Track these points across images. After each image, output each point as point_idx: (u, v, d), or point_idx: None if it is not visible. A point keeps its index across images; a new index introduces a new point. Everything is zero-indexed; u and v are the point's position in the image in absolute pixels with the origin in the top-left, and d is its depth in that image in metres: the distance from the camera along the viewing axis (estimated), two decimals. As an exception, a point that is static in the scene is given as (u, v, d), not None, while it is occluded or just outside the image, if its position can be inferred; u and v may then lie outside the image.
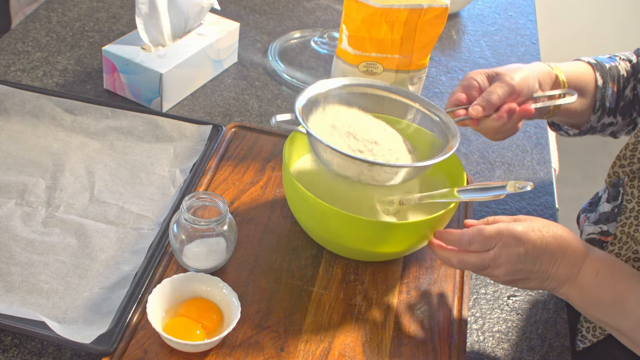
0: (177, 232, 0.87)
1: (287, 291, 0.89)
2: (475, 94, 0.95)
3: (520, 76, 0.94)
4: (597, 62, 1.03)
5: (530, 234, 0.79)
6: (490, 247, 0.81)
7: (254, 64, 1.33)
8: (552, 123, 1.12)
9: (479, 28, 1.57)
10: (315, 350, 0.83)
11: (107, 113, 1.11)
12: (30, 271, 0.87)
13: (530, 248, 0.79)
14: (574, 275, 0.80)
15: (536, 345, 0.90)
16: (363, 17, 1.06)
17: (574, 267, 0.80)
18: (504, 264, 0.80)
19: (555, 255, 0.80)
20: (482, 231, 0.81)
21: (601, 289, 0.79)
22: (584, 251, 0.80)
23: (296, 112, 0.88)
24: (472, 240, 0.82)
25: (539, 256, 0.79)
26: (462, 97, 0.95)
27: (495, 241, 0.80)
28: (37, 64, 1.23)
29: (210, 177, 1.03)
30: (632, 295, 0.77)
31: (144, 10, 1.14)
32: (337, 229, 0.88)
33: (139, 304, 0.84)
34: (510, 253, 0.79)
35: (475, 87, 0.95)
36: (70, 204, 0.97)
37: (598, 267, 0.79)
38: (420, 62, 1.12)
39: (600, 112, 1.02)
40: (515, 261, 0.80)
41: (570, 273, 0.80)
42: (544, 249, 0.79)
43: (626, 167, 0.92)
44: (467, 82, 0.96)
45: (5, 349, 0.80)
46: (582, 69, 1.02)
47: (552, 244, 0.79)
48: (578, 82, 1.00)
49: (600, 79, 1.01)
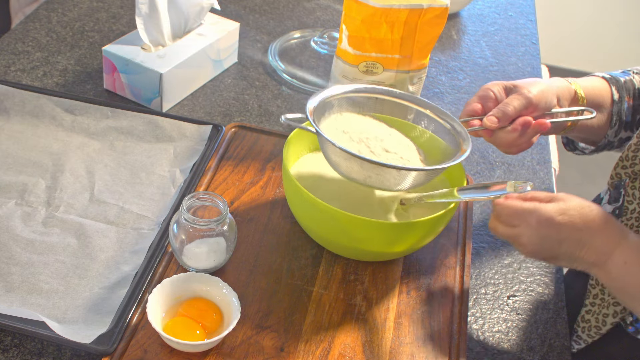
0: (177, 232, 0.87)
1: (287, 291, 0.89)
2: (491, 105, 0.95)
3: (538, 89, 0.93)
4: (612, 77, 1.02)
5: (558, 217, 0.79)
6: (515, 225, 0.81)
7: (254, 64, 1.33)
8: (567, 143, 1.11)
9: (479, 28, 1.57)
10: (315, 350, 0.83)
11: (107, 113, 1.11)
12: (30, 271, 0.87)
13: (554, 232, 0.79)
14: (602, 261, 0.79)
15: (536, 345, 0.90)
16: (363, 17, 1.06)
17: (603, 253, 0.79)
18: (526, 244, 0.80)
19: (582, 241, 0.79)
20: (510, 206, 0.81)
21: (629, 279, 0.78)
22: (616, 238, 0.79)
23: (307, 112, 0.88)
24: (501, 212, 0.82)
25: (564, 240, 0.79)
26: (477, 107, 0.95)
27: (520, 220, 0.80)
28: (37, 64, 1.23)
29: (210, 177, 1.03)
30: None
31: (144, 10, 1.14)
32: (337, 229, 0.88)
33: (139, 304, 0.84)
34: (532, 235, 0.79)
35: (491, 98, 0.95)
36: (70, 204, 0.97)
37: (627, 256, 0.78)
38: (420, 62, 1.12)
39: (617, 127, 1.01)
40: (539, 243, 0.80)
41: (598, 259, 0.79)
42: (569, 234, 0.79)
43: (628, 168, 0.92)
44: (484, 93, 0.96)
45: (5, 349, 0.80)
46: (598, 84, 1.01)
47: (581, 229, 0.79)
48: (595, 97, 1.00)
49: (616, 94, 1.01)
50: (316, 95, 0.92)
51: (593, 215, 0.80)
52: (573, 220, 0.79)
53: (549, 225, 0.79)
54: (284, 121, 0.88)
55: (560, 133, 1.03)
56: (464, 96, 1.33)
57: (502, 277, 0.98)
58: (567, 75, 1.05)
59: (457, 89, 1.35)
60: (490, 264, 1.00)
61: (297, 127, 0.93)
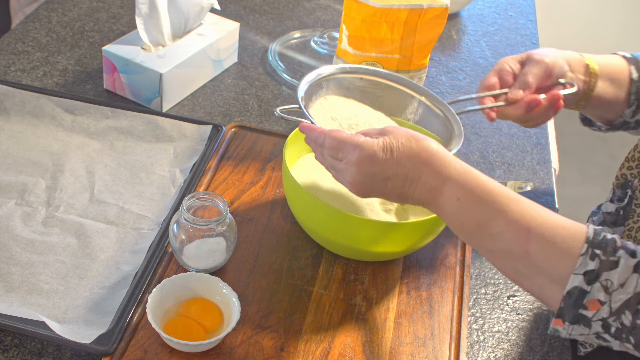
0: (177, 232, 0.87)
1: (287, 291, 0.89)
2: (509, 78, 0.95)
3: (550, 55, 0.93)
4: (632, 57, 1.01)
5: (380, 154, 0.75)
6: (339, 158, 0.78)
7: (254, 64, 1.33)
8: (584, 118, 1.10)
9: (479, 28, 1.57)
10: (315, 350, 0.83)
11: (107, 113, 1.11)
12: (30, 271, 0.87)
13: (378, 169, 0.76)
14: (433, 198, 0.76)
15: (536, 345, 0.90)
16: (363, 17, 1.06)
17: (431, 190, 0.76)
18: (351, 182, 0.78)
19: (408, 177, 0.76)
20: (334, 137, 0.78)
21: (463, 216, 0.75)
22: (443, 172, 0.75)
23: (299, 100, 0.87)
24: (324, 143, 0.79)
25: (389, 177, 0.76)
26: (494, 80, 0.95)
27: (343, 154, 0.77)
28: (37, 64, 1.23)
29: (210, 177, 1.03)
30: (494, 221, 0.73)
31: (144, 10, 1.14)
32: (337, 229, 0.88)
33: (139, 304, 0.84)
34: (355, 172, 0.77)
35: (507, 71, 0.95)
36: (70, 204, 0.97)
37: (459, 191, 0.74)
38: (420, 62, 1.12)
39: (635, 107, 1.00)
40: (362, 181, 0.77)
41: (428, 196, 0.76)
42: (395, 170, 0.76)
43: (634, 168, 0.92)
44: (499, 66, 0.96)
45: (5, 349, 0.80)
46: (615, 61, 1.00)
47: (405, 165, 0.75)
48: (611, 71, 0.99)
49: (635, 73, 0.99)
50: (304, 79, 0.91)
51: (418, 149, 0.76)
52: (397, 157, 0.75)
53: (372, 163, 0.75)
54: (277, 114, 0.88)
55: (576, 107, 1.01)
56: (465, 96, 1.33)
57: (502, 277, 0.98)
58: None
59: (457, 89, 1.35)
60: (490, 264, 1.00)
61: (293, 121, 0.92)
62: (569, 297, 0.69)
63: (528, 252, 0.70)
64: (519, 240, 0.71)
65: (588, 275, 0.68)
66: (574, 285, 0.68)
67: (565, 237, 0.70)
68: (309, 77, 0.92)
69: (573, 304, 0.69)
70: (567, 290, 0.69)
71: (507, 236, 0.72)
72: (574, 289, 0.68)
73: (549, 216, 0.72)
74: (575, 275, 0.68)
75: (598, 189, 2.59)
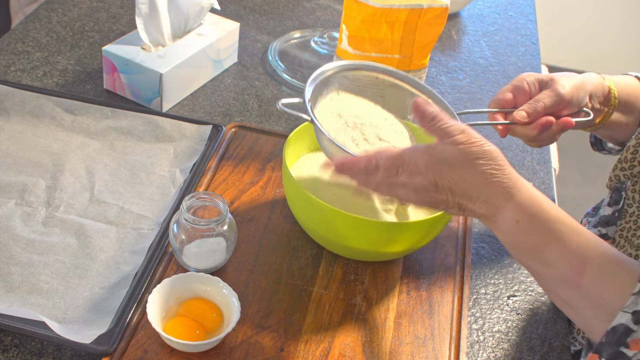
0: (177, 232, 0.87)
1: (287, 291, 0.89)
2: (523, 99, 0.94)
3: (572, 85, 0.93)
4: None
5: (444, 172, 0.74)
6: (397, 173, 0.75)
7: (254, 64, 1.33)
8: (595, 142, 1.11)
9: (479, 28, 1.57)
10: (315, 350, 0.83)
11: (107, 113, 1.11)
12: (30, 271, 0.87)
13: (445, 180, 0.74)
14: (492, 215, 0.74)
15: (536, 345, 0.90)
16: (363, 17, 1.06)
17: (492, 207, 0.74)
18: (413, 194, 0.75)
19: (468, 193, 0.74)
20: (384, 156, 0.75)
21: (519, 238, 0.74)
22: (506, 193, 0.73)
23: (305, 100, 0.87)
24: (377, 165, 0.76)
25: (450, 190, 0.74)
26: (509, 97, 0.95)
27: (403, 167, 0.75)
28: (37, 64, 1.23)
29: (210, 177, 1.03)
30: (550, 248, 0.72)
31: (144, 10, 1.14)
32: (337, 229, 0.88)
33: (139, 304, 0.84)
34: (417, 183, 0.74)
35: (525, 91, 0.94)
36: (70, 204, 0.97)
37: (519, 215, 0.73)
38: (420, 62, 1.12)
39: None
40: (423, 191, 0.75)
41: (488, 212, 0.74)
42: (455, 185, 0.74)
43: (627, 170, 0.92)
44: (518, 84, 0.95)
45: (5, 349, 0.80)
46: (632, 83, 1.00)
47: (467, 181, 0.73)
48: (628, 96, 0.99)
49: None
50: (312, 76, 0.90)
51: (481, 164, 0.74)
52: (461, 172, 0.73)
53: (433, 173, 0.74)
54: (279, 107, 0.87)
55: (587, 129, 1.01)
56: (464, 96, 1.33)
57: (502, 277, 0.98)
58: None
59: (457, 89, 1.35)
60: (490, 264, 1.00)
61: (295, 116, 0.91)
62: (613, 334, 0.68)
63: (580, 284, 0.70)
64: (572, 271, 0.70)
65: (637, 315, 0.67)
66: (621, 323, 0.67)
67: (619, 274, 0.69)
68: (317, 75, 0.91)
69: (616, 340, 0.68)
70: (613, 326, 0.68)
71: (561, 265, 0.71)
72: (619, 326, 0.67)
73: (605, 250, 0.71)
74: (623, 313, 0.67)
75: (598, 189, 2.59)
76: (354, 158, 0.79)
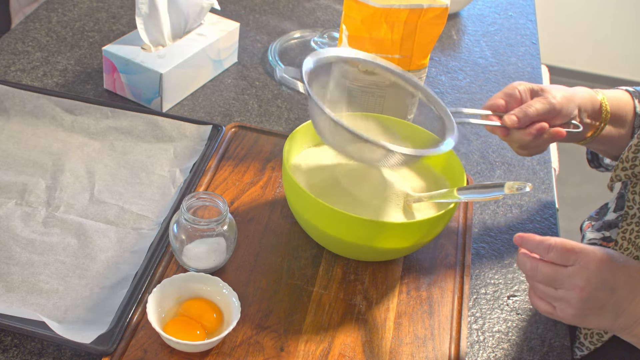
0: (177, 232, 0.87)
1: (287, 291, 0.89)
2: (514, 104, 0.95)
3: (562, 96, 0.93)
4: (635, 90, 1.02)
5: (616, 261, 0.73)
6: (569, 263, 0.74)
7: (254, 64, 1.33)
8: (592, 159, 1.11)
9: (479, 28, 1.57)
10: (315, 350, 0.83)
11: (107, 113, 1.11)
12: (30, 271, 0.87)
13: (612, 277, 0.73)
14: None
15: (536, 345, 0.90)
16: (363, 17, 1.06)
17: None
18: (579, 286, 0.73)
19: (635, 290, 0.73)
20: (564, 242, 0.74)
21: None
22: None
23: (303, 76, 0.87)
24: (552, 248, 0.74)
25: (618, 287, 0.73)
26: (501, 103, 0.96)
27: (576, 258, 0.73)
28: (37, 64, 1.23)
29: (210, 177, 1.03)
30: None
31: (144, 10, 1.14)
32: (336, 229, 0.88)
33: (139, 304, 0.84)
34: (590, 275, 0.72)
35: (516, 98, 0.95)
36: (70, 204, 0.97)
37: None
38: (420, 62, 1.12)
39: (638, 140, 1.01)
40: (594, 286, 0.72)
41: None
42: (626, 281, 0.73)
43: (628, 170, 0.92)
44: (510, 91, 0.96)
45: (5, 349, 0.80)
46: (622, 96, 1.01)
47: (636, 277, 0.73)
48: (619, 110, 0.99)
49: (639, 106, 1.00)
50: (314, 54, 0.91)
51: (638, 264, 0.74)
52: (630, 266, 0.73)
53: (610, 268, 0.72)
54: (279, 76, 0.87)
55: (580, 143, 1.02)
56: (464, 96, 1.33)
57: (502, 277, 0.98)
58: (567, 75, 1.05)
59: (457, 89, 1.35)
60: (490, 264, 1.00)
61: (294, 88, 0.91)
62: None
63: None
64: None
65: None
66: None
67: None
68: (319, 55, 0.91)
69: None
70: None
71: None
72: None
73: None
74: None
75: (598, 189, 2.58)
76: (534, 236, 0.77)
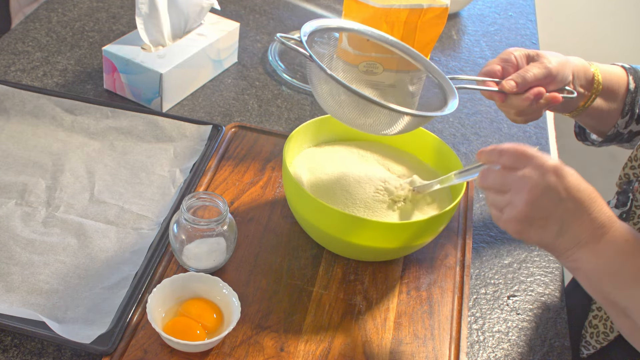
0: (177, 232, 0.87)
1: (287, 291, 0.89)
2: (511, 70, 0.94)
3: (557, 61, 0.93)
4: (631, 67, 1.01)
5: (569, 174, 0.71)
6: (521, 167, 0.72)
7: (254, 64, 1.33)
8: (579, 132, 1.10)
9: (479, 28, 1.57)
10: (315, 350, 0.83)
11: (107, 113, 1.11)
12: (30, 271, 0.87)
13: (561, 185, 0.70)
14: (597, 238, 0.71)
15: (536, 345, 0.90)
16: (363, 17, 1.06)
17: (599, 228, 0.71)
18: (528, 190, 0.70)
19: (581, 208, 0.71)
20: (517, 145, 0.72)
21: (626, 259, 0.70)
22: (612, 216, 0.72)
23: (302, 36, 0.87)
24: (504, 152, 0.73)
25: (567, 199, 0.70)
26: (497, 68, 0.95)
27: (528, 161, 0.71)
28: (37, 64, 1.23)
29: (210, 177, 1.03)
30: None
31: (144, 10, 1.14)
32: (336, 229, 0.88)
33: (139, 304, 0.84)
34: (539, 179, 0.70)
35: (512, 63, 0.94)
36: (70, 204, 0.97)
37: (628, 235, 0.70)
38: (420, 62, 1.12)
39: (628, 117, 0.99)
40: (542, 191, 0.70)
41: (594, 234, 0.71)
42: (574, 195, 0.70)
43: (637, 168, 0.92)
44: (506, 56, 0.95)
45: (5, 349, 0.80)
46: (616, 71, 1.00)
47: (584, 195, 0.71)
48: (612, 83, 0.98)
49: (632, 83, 0.99)
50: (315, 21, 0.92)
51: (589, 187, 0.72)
52: (581, 184, 0.71)
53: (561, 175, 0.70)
54: (277, 37, 0.88)
55: (570, 114, 1.01)
56: (464, 96, 1.33)
57: (502, 277, 0.98)
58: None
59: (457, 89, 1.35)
60: (490, 264, 1.00)
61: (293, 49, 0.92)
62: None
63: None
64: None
65: None
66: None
67: None
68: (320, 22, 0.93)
69: None
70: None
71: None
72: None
73: None
74: None
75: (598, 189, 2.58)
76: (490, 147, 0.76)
